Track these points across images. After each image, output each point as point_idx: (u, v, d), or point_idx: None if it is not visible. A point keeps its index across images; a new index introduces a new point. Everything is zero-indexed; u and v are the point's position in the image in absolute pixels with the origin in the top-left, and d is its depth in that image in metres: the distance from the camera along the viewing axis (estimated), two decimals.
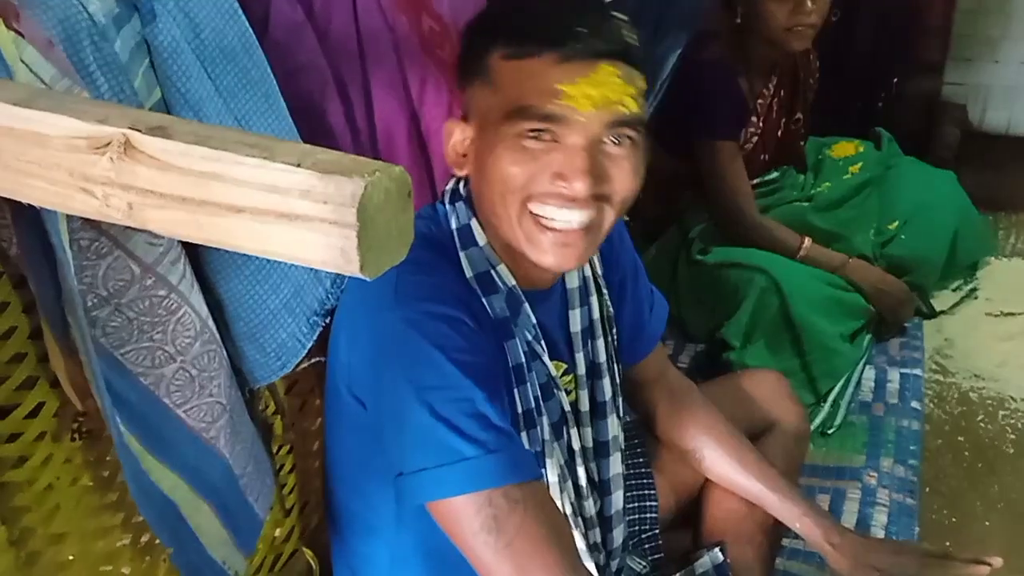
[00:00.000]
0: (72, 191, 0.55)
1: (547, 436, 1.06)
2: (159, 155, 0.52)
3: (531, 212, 0.94)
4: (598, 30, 0.91)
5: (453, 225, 1.02)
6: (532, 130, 0.91)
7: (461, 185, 1.03)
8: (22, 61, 0.79)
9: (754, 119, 2.05)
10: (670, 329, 1.61)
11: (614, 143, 0.93)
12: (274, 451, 1.21)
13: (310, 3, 1.10)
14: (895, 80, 2.70)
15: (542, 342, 1.05)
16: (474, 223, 1.01)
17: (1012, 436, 1.82)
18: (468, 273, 1.00)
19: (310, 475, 1.34)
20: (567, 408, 1.10)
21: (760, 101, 2.06)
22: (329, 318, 1.15)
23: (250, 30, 1.02)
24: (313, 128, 1.12)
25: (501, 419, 0.92)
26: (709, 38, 2.00)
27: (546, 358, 1.05)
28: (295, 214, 0.49)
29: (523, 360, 1.03)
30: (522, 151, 0.92)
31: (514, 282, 1.02)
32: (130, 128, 0.53)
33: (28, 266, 0.83)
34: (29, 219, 0.79)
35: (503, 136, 0.92)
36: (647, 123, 0.96)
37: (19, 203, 0.63)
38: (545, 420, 1.06)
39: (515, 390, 1.03)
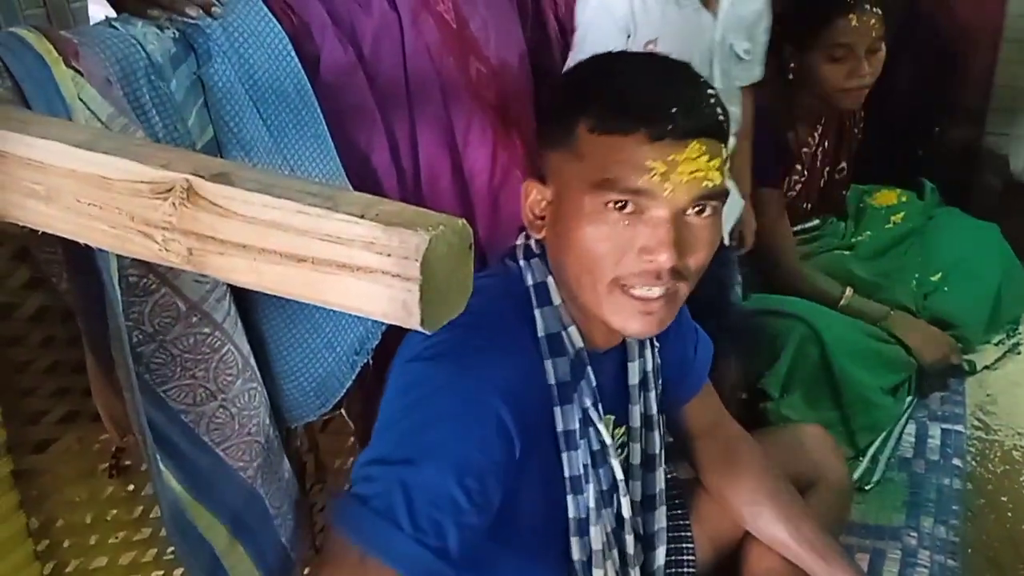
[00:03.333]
0: (132, 234, 0.56)
1: (593, 504, 1.04)
2: (221, 202, 0.52)
3: (620, 286, 0.93)
4: (689, 109, 0.91)
5: (529, 282, 1.01)
6: (617, 201, 0.91)
7: (533, 242, 1.03)
8: (80, 99, 0.80)
9: (799, 167, 2.04)
10: None
11: (697, 214, 0.93)
12: (308, 489, 1.20)
13: (360, 45, 1.11)
14: (936, 129, 2.67)
15: (600, 407, 1.03)
16: (551, 281, 1.00)
17: None
18: (541, 332, 0.99)
19: None
20: (619, 476, 1.07)
21: (805, 150, 2.05)
22: (369, 356, 1.14)
23: (302, 71, 1.03)
24: (359, 168, 1.13)
25: (456, 536, 0.88)
26: (757, 86, 2.00)
27: (601, 426, 1.04)
28: (357, 265, 0.48)
29: (577, 426, 1.01)
30: (607, 224, 0.91)
31: (582, 344, 1.01)
32: (193, 174, 0.54)
33: (78, 302, 0.83)
34: (81, 256, 0.79)
35: (587, 207, 0.92)
36: None
37: (73, 240, 0.63)
38: (592, 488, 1.04)
39: (562, 455, 1.01)
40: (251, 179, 0.53)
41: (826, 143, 2.10)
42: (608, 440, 1.04)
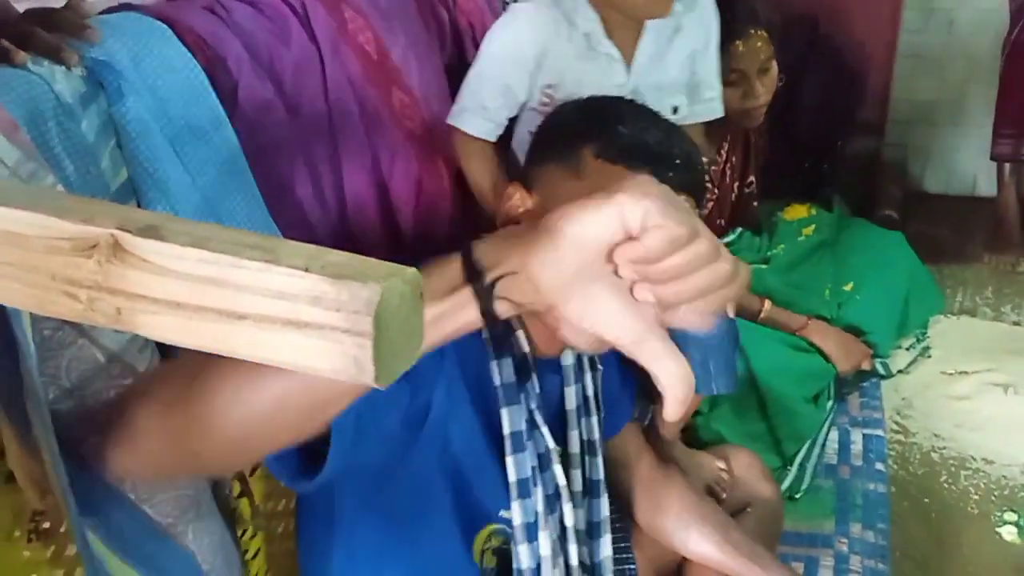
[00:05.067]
0: (53, 295, 0.52)
1: (541, 508, 1.04)
2: (152, 258, 0.49)
3: None
4: (686, 162, 0.97)
5: None
6: None
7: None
8: None
9: (709, 185, 2.09)
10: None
11: None
12: (240, 536, 1.16)
13: (280, 79, 1.09)
14: (840, 143, 2.78)
15: (542, 412, 1.04)
16: None
17: (975, 497, 1.84)
18: (484, 333, 0.99)
19: (278, 559, 1.28)
20: (562, 483, 1.08)
21: (714, 168, 2.10)
22: None
23: (220, 107, 1.00)
24: (282, 204, 1.10)
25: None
26: None
27: (545, 429, 1.04)
28: (304, 322, 0.46)
29: (524, 428, 1.01)
30: None
31: (527, 349, 1.02)
32: (119, 228, 0.50)
33: None
34: None
35: None
36: None
37: None
38: (540, 492, 1.04)
39: (508, 458, 1.01)
40: (183, 232, 0.50)
41: (733, 159, 2.15)
42: (551, 444, 1.05)
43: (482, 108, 1.35)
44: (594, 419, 1.13)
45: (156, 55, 0.95)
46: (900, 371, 2.21)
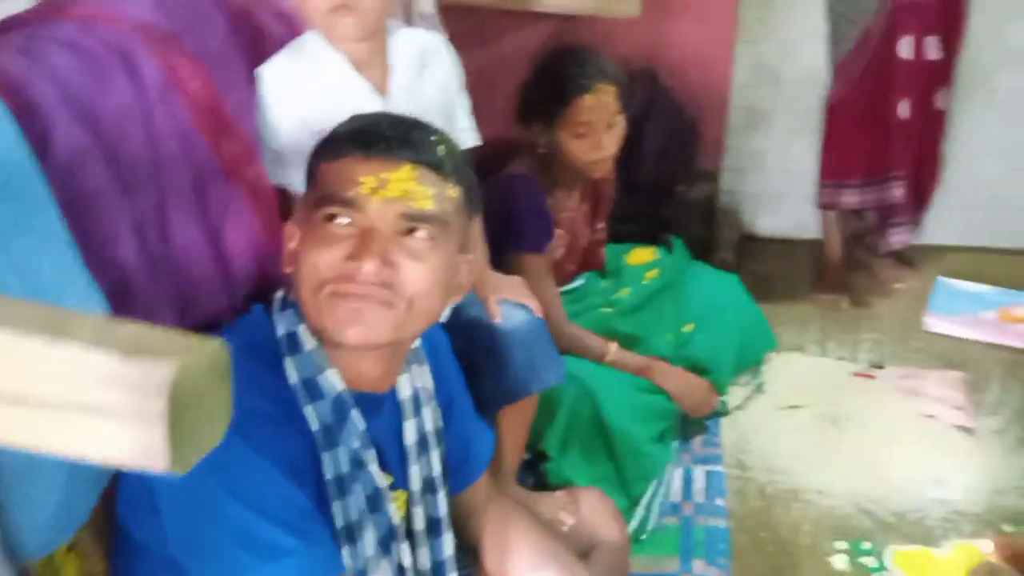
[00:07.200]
0: None
1: (371, 552, 1.02)
2: None
3: (332, 291, 0.98)
4: (405, 137, 1.02)
5: (279, 332, 1.02)
6: (332, 215, 0.99)
7: (289, 294, 1.05)
8: None
9: (561, 231, 2.14)
10: None
11: (409, 236, 1.00)
12: None
13: (99, 126, 1.02)
14: (680, 189, 2.90)
15: (371, 450, 1.03)
16: (302, 329, 1.02)
17: (807, 527, 1.93)
18: (293, 379, 0.99)
19: None
20: (396, 522, 1.06)
21: (565, 214, 2.15)
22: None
23: (29, 156, 0.93)
24: (102, 262, 1.03)
25: (315, 513, 0.94)
26: (515, 156, 2.10)
27: (374, 467, 1.03)
28: (90, 404, 0.42)
29: (347, 470, 1.00)
30: (324, 235, 0.99)
31: (343, 387, 1.01)
32: None
33: None
34: None
35: (312, 225, 1.01)
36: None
37: None
38: (370, 535, 1.02)
39: (333, 504, 0.99)
40: None
41: (583, 206, 2.22)
42: (382, 483, 1.04)
43: (280, 161, 1.36)
44: (435, 454, 1.13)
45: None
46: (737, 407, 2.31)
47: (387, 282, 0.97)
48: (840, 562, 1.82)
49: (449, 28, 2.05)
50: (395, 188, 0.98)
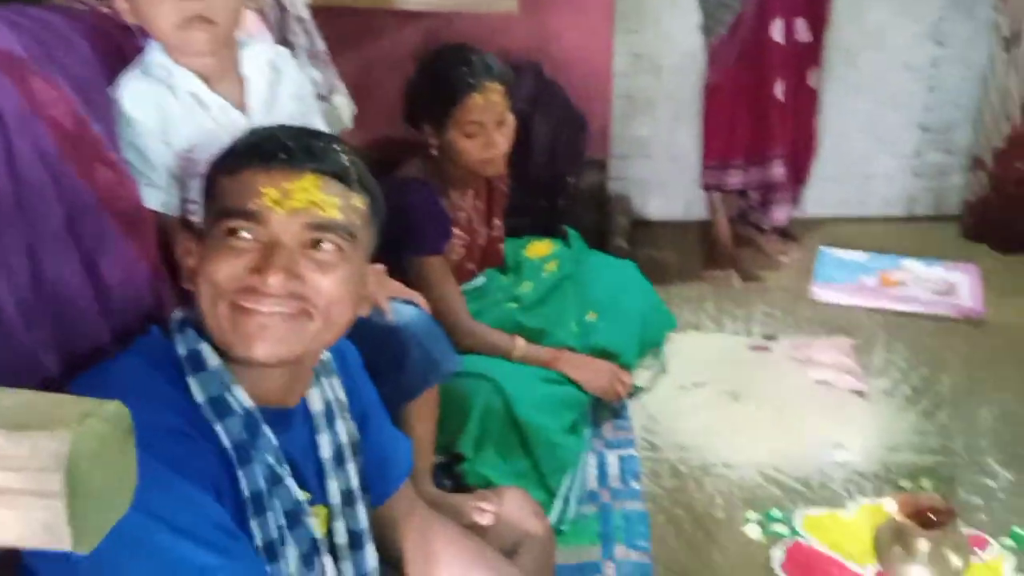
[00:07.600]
0: None
1: (293, 569, 1.00)
2: None
3: (234, 304, 0.95)
4: (307, 146, 1.00)
5: (180, 352, 0.98)
6: (234, 228, 0.96)
7: (188, 313, 1.02)
8: None
9: (458, 231, 2.12)
10: None
11: (315, 249, 0.98)
12: None
13: None
14: (571, 180, 2.93)
15: (285, 464, 1.00)
16: (204, 347, 0.98)
17: (720, 501, 1.98)
18: (199, 398, 0.96)
19: None
20: (318, 536, 1.03)
21: (461, 213, 2.14)
22: None
23: None
24: None
25: (235, 529, 0.92)
26: (407, 158, 2.07)
27: (290, 481, 1.00)
28: None
29: (263, 486, 0.97)
30: (226, 250, 0.96)
31: (252, 404, 0.98)
32: None
33: None
34: None
35: (213, 240, 0.98)
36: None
37: None
38: (291, 551, 0.99)
39: (252, 521, 0.96)
40: None
41: (479, 204, 2.21)
42: (300, 497, 1.01)
43: (151, 183, 1.33)
44: (351, 467, 1.11)
45: None
46: (643, 389, 2.35)
47: (296, 293, 0.96)
48: (754, 532, 1.88)
49: (326, 30, 2.01)
50: (299, 198, 0.96)
